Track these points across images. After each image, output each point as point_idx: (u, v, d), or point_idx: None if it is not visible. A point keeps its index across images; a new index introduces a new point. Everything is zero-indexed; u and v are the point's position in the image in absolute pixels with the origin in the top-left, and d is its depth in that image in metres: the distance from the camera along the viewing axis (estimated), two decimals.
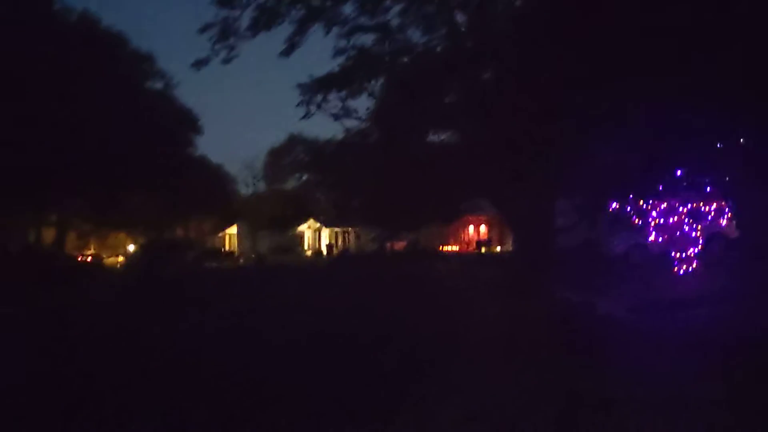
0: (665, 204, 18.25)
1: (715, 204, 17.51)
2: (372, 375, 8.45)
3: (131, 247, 53.82)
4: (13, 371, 9.16)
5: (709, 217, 17.86)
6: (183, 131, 40.18)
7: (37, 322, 14.50)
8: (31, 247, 39.41)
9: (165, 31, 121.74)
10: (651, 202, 18.49)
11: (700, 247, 18.05)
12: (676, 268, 17.99)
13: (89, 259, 46.81)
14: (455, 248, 54.02)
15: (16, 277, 23.64)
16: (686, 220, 17.98)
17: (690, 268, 17.81)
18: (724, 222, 18.04)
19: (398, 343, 10.25)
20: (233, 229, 68.31)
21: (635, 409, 6.82)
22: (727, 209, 17.37)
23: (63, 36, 31.38)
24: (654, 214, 18.48)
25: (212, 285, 24.79)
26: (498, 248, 47.96)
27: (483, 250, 48.24)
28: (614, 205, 19.31)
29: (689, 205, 17.92)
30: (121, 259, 50.51)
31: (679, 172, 16.49)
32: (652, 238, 18.74)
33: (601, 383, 7.67)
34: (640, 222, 19.28)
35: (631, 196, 18.43)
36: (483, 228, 54.51)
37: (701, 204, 17.71)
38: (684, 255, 17.97)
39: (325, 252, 60.51)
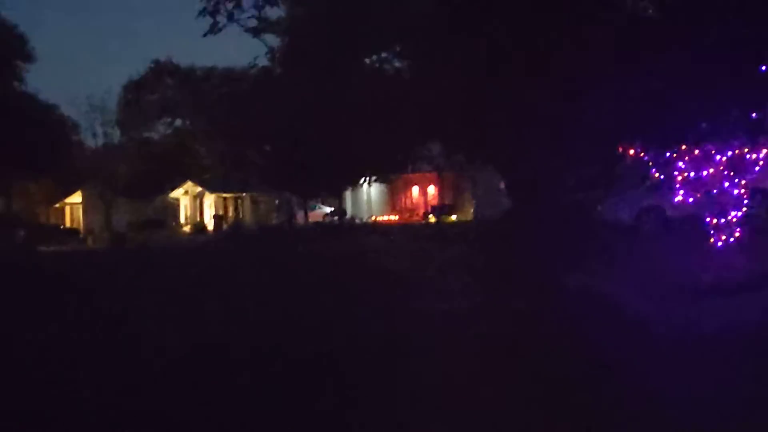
0: (697, 151, 18.25)
1: (765, 150, 17.65)
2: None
3: None
4: None
5: (756, 168, 17.98)
6: (6, 56, 38.68)
7: None
8: None
9: None
10: (677, 149, 18.49)
11: (744, 209, 18.17)
12: (712, 239, 18.13)
13: None
14: (394, 218, 53.95)
15: None
16: (726, 172, 18.05)
17: (732, 239, 17.98)
18: None
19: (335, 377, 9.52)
20: (77, 198, 66.33)
21: None
22: None
23: None
24: (681, 165, 18.44)
25: (45, 280, 23.56)
26: (454, 217, 48.04)
27: (433, 219, 48.25)
28: (629, 154, 19.30)
29: (729, 153, 17.97)
30: None
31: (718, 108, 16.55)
32: (679, 198, 18.73)
33: None
34: (662, 176, 19.28)
35: (653, 142, 18.45)
36: (432, 190, 54.41)
37: (746, 150, 17.79)
38: (723, 221, 18.09)
39: (210, 226, 59.64)
